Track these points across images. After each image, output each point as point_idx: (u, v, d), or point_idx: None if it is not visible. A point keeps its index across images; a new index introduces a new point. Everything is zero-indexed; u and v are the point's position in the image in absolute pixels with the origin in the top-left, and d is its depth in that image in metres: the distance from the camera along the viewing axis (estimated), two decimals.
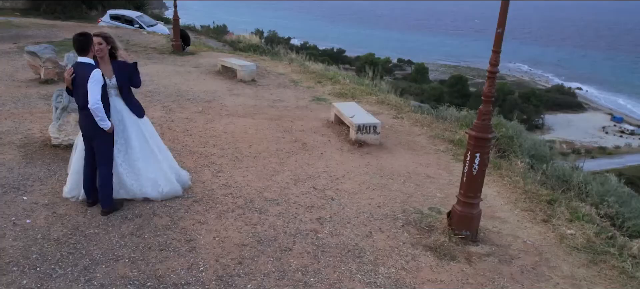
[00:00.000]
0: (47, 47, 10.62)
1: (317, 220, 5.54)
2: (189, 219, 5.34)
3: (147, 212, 5.40)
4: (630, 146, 58.39)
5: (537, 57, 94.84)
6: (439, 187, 6.66)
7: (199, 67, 13.40)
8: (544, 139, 9.89)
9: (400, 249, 5.12)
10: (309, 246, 5.03)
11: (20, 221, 5.07)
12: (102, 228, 5.04)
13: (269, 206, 5.75)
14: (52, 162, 6.51)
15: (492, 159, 7.87)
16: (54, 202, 5.49)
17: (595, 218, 6.10)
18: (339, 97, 10.89)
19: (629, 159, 52.98)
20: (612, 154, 55.56)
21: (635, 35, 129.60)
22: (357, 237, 5.27)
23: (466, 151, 5.25)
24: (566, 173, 7.85)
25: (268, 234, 5.17)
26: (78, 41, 4.91)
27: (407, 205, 6.06)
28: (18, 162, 6.48)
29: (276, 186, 6.31)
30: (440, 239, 5.29)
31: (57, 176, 6.13)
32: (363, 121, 7.96)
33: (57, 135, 6.92)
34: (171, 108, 9.30)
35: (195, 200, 5.77)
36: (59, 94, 7.02)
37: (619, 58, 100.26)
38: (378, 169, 7.10)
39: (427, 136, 8.72)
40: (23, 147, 6.99)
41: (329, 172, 6.85)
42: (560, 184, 7.57)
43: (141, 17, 22.44)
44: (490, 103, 5.11)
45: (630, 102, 76.68)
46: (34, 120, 8.19)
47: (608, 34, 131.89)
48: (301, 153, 7.49)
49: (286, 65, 14.33)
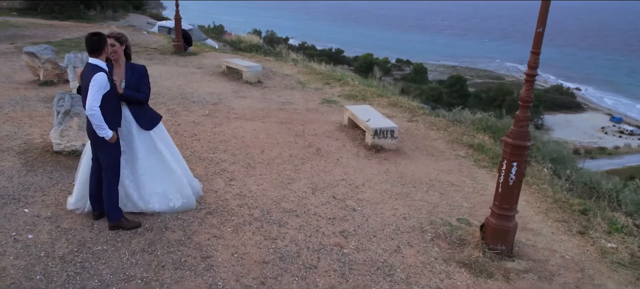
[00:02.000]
0: (47, 47, 10.20)
1: (341, 233, 5.16)
2: (204, 233, 4.95)
3: (158, 225, 5.01)
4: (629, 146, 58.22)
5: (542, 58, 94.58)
6: (464, 196, 6.29)
7: (203, 68, 13.00)
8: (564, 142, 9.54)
9: (433, 265, 4.75)
10: (334, 262, 4.66)
11: (22, 237, 4.68)
12: (110, 244, 4.64)
13: (288, 218, 5.37)
14: (54, 171, 6.11)
15: None
16: (57, 214, 5.10)
17: (632, 229, 5.75)
18: (349, 100, 10.51)
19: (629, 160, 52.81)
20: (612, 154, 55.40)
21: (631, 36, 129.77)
22: (385, 252, 4.90)
23: (501, 159, 4.89)
24: (593, 180, 7.50)
25: (290, 250, 4.79)
26: (90, 41, 4.52)
27: (433, 216, 5.69)
28: (18, 170, 6.08)
29: (293, 195, 5.93)
30: (474, 255, 4.92)
31: (60, 186, 5.73)
32: (380, 125, 7.58)
33: (59, 141, 6.53)
34: (176, 111, 8.90)
35: (209, 212, 5.38)
36: (61, 97, 6.62)
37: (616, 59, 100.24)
38: (398, 176, 6.73)
39: (445, 140, 8.36)
40: (23, 153, 6.58)
41: (347, 180, 6.47)
42: (588, 191, 7.24)
43: (191, 31, 20.95)
44: (528, 108, 4.75)
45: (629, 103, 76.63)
46: (34, 124, 7.78)
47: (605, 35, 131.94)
48: (316, 159, 7.11)
49: (292, 66, 13.94)
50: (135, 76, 4.89)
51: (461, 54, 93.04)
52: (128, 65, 4.92)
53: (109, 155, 4.70)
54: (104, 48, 4.60)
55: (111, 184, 4.78)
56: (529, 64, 4.64)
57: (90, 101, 4.39)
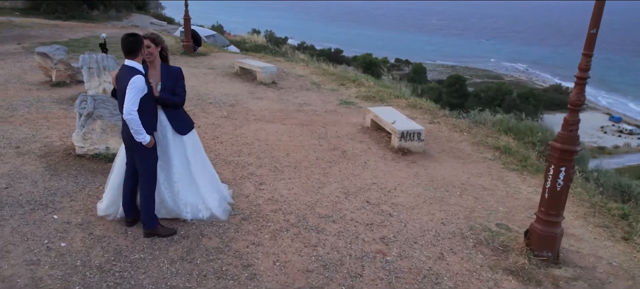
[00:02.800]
0: (59, 48, 10.01)
1: (381, 240, 5.01)
2: (242, 241, 4.79)
3: (193, 233, 4.85)
4: (629, 146, 58.21)
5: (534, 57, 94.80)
6: (498, 201, 6.15)
7: (214, 68, 12.82)
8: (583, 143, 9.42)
9: (479, 273, 4.61)
10: (379, 271, 4.51)
11: (54, 245, 4.50)
12: (147, 252, 4.48)
13: (325, 224, 5.21)
14: (78, 175, 5.93)
15: (541, 166, 7.40)
16: (88, 221, 4.92)
17: None
18: (366, 101, 10.36)
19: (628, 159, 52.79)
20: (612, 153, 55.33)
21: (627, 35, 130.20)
22: (429, 260, 4.75)
23: (548, 164, 4.75)
24: (623, 183, 7.38)
25: (332, 257, 4.64)
26: (126, 42, 4.35)
27: (471, 221, 5.55)
28: (41, 174, 5.90)
29: (326, 200, 5.78)
30: (519, 261, 4.78)
31: (87, 190, 5.56)
32: (406, 127, 7.44)
33: (81, 144, 6.35)
34: (194, 113, 8.72)
35: (244, 218, 5.22)
36: (83, 99, 6.44)
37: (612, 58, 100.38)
38: (429, 179, 6.59)
39: (470, 142, 8.21)
40: (44, 157, 6.40)
41: (378, 184, 6.32)
42: (619, 194, 7.11)
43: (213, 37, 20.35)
44: (577, 112, 4.63)
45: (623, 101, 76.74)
46: (51, 126, 7.59)
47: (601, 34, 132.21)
48: (343, 162, 6.95)
49: (304, 67, 13.78)
50: (171, 79, 4.73)
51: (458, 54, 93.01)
52: (164, 67, 4.76)
53: (146, 160, 4.53)
54: (141, 49, 4.44)
55: (148, 190, 4.61)
56: (580, 67, 4.52)
57: (129, 105, 4.22)
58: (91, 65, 8.84)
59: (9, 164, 6.16)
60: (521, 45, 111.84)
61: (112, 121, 6.40)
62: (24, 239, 4.56)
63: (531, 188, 6.61)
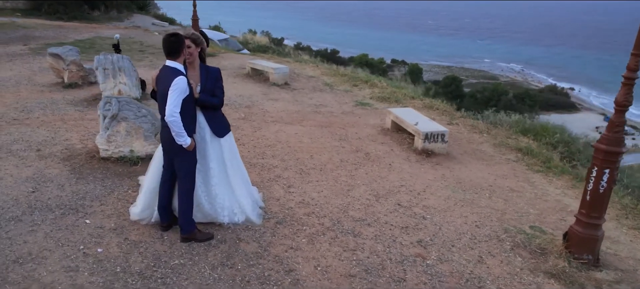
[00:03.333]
0: (72, 49, 9.88)
1: (419, 243, 4.94)
2: (279, 245, 4.70)
3: (230, 237, 4.76)
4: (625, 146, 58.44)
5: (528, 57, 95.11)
6: (528, 202, 6.10)
7: (225, 69, 12.69)
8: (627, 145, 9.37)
9: (520, 276, 4.55)
10: (421, 275, 4.44)
11: (91, 250, 4.41)
12: (187, 258, 4.39)
13: (360, 228, 5.14)
14: (105, 178, 5.83)
15: (566, 167, 7.37)
16: (122, 225, 4.83)
17: None
18: (381, 102, 10.30)
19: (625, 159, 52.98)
20: None
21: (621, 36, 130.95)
22: (469, 263, 4.69)
23: (591, 166, 4.70)
24: None
25: (372, 261, 4.56)
26: (168, 43, 4.26)
27: (505, 223, 5.49)
28: (67, 178, 5.79)
29: (358, 203, 5.70)
30: (559, 265, 4.73)
31: (116, 194, 5.46)
32: (430, 128, 7.38)
33: (106, 147, 6.24)
34: None
35: (278, 222, 5.13)
36: (108, 101, 6.34)
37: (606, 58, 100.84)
38: (456, 181, 6.53)
39: (491, 143, 8.17)
40: (67, 160, 6.29)
41: (406, 186, 6.25)
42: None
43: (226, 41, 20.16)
44: (623, 113, 4.56)
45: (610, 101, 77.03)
46: (69, 128, 7.48)
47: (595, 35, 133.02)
48: (368, 164, 6.88)
49: (314, 67, 13.70)
50: (211, 80, 4.64)
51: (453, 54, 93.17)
52: (203, 68, 4.67)
53: (186, 164, 4.44)
54: (183, 50, 4.35)
55: (187, 194, 4.52)
56: (629, 67, 4.43)
57: (171, 107, 4.13)
58: (106, 66, 8.73)
59: (32, 167, 6.05)
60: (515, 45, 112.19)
61: (136, 123, 6.31)
62: (59, 244, 4.46)
63: (558, 190, 6.56)
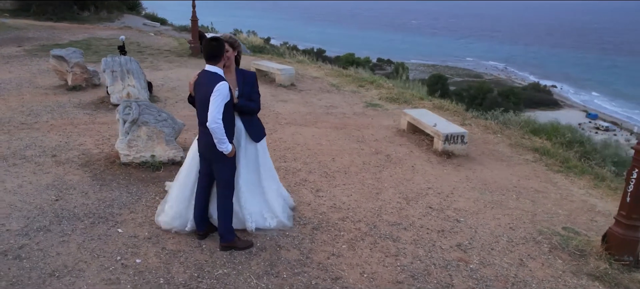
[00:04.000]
0: (75, 51, 9.63)
1: (458, 247, 4.87)
2: (321, 252, 4.60)
3: (270, 244, 4.64)
4: None
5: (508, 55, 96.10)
6: (555, 203, 6.07)
7: None
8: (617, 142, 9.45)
9: (564, 279, 4.51)
10: (468, 279, 4.37)
11: (129, 261, 4.25)
12: (230, 267, 4.26)
13: (397, 232, 5.05)
14: (129, 184, 5.66)
15: (585, 167, 7.37)
16: (156, 234, 4.67)
17: None
18: (391, 103, 10.23)
19: None
20: None
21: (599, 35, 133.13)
22: (511, 266, 4.63)
23: (631, 168, 4.67)
24: None
25: (417, 267, 4.48)
26: (209, 47, 4.14)
27: (538, 225, 5.45)
28: (89, 184, 5.61)
29: (389, 206, 5.62)
30: (600, 266, 4.69)
31: (144, 201, 5.29)
32: (450, 130, 7.33)
33: (126, 152, 6.06)
34: None
35: (315, 227, 5.02)
36: (127, 104, 6.16)
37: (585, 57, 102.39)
38: (481, 183, 6.48)
39: (506, 144, 8.15)
40: (86, 166, 6.10)
41: (434, 189, 6.19)
42: None
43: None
44: None
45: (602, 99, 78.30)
46: (81, 133, 7.27)
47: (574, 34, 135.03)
48: (391, 167, 6.80)
49: (317, 68, 13.59)
50: (248, 84, 4.51)
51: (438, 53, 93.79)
52: (239, 72, 4.54)
53: (227, 170, 4.31)
54: (224, 54, 4.22)
55: (227, 202, 4.38)
56: None
57: (215, 113, 3.99)
58: (114, 68, 8.53)
59: (51, 173, 5.85)
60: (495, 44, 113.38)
61: (157, 127, 6.14)
62: (94, 255, 4.30)
63: (582, 190, 6.56)
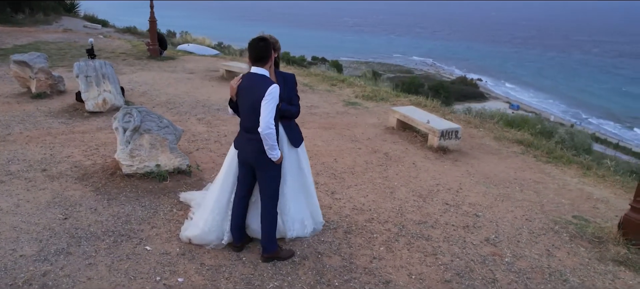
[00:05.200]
0: (40, 55, 8.88)
1: (487, 242, 4.89)
2: (361, 256, 4.46)
3: (309, 252, 4.45)
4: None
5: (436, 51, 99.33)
6: (556, 193, 6.25)
7: (194, 72, 12.04)
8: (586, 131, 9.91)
9: (593, 266, 4.62)
10: (508, 273, 4.38)
11: (170, 281, 3.93)
12: (279, 279, 4.03)
13: (426, 231, 5.00)
14: (139, 197, 5.25)
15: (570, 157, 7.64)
16: (189, 250, 4.36)
17: None
18: (369, 101, 10.20)
19: None
20: None
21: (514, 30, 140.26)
22: (541, 257, 4.70)
23: None
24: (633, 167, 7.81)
25: (458, 264, 4.44)
26: (257, 48, 3.87)
27: (549, 215, 5.58)
28: (95, 199, 5.16)
29: (408, 205, 5.56)
30: (621, 252, 4.86)
31: (162, 215, 4.93)
32: (444, 126, 7.38)
33: (129, 162, 5.63)
34: (209, 121, 8.11)
35: (346, 231, 4.87)
36: (127, 112, 5.73)
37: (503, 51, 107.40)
38: (483, 177, 6.57)
39: (491, 137, 8.33)
40: (84, 179, 5.62)
41: (442, 185, 6.20)
42: None
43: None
44: None
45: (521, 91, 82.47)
46: (64, 144, 6.70)
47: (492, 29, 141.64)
48: (393, 165, 6.75)
49: (283, 68, 13.31)
50: (288, 87, 4.28)
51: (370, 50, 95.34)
52: (279, 75, 4.29)
53: (274, 178, 4.07)
54: (271, 56, 3.97)
55: (273, 211, 4.14)
56: None
57: (268, 118, 3.74)
58: (89, 73, 7.96)
59: (47, 190, 5.34)
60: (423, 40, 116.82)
61: (161, 135, 5.75)
62: (130, 277, 3.94)
63: (575, 179, 6.79)
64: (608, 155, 8.98)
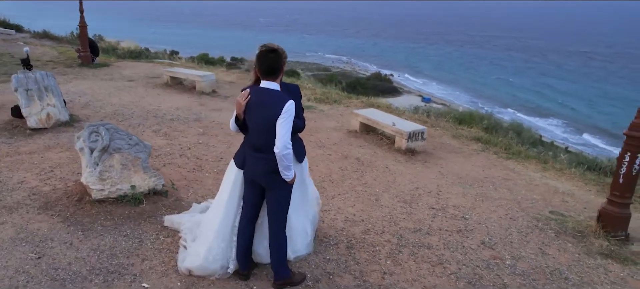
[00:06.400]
0: None
1: (484, 245, 4.85)
2: (371, 272, 4.23)
3: (317, 273, 4.15)
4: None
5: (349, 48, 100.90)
6: (527, 189, 6.38)
7: (134, 80, 11.17)
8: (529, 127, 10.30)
9: (584, 262, 4.72)
10: (514, 277, 4.35)
11: None
12: None
13: (423, 238, 4.87)
14: (117, 226, 4.67)
15: (526, 152, 7.87)
16: (192, 283, 3.90)
17: None
18: (322, 103, 9.98)
19: None
20: None
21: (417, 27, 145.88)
22: (537, 256, 4.73)
23: (622, 152, 5.04)
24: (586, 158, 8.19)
25: (466, 273, 4.34)
26: (268, 59, 3.47)
27: (529, 212, 5.67)
28: (67, 232, 4.52)
29: (396, 212, 5.40)
30: (603, 244, 5.02)
31: (150, 244, 4.41)
32: (411, 128, 7.32)
33: (100, 186, 5.01)
34: (167, 133, 7.50)
35: (348, 246, 4.62)
36: (94, 130, 5.10)
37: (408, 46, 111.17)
38: (456, 177, 6.57)
39: (449, 136, 8.40)
40: (48, 209, 4.92)
41: (421, 188, 6.11)
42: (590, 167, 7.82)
43: None
44: None
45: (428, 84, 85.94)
46: (12, 167, 5.88)
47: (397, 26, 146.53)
48: (368, 170, 6.58)
49: (226, 72, 12.76)
50: (294, 99, 3.93)
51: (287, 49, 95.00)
52: (284, 87, 3.93)
53: (286, 199, 3.73)
54: (283, 68, 3.60)
55: (283, 234, 3.80)
56: None
57: (287, 138, 3.40)
58: (29, 86, 7.10)
59: (8, 224, 4.62)
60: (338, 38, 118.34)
61: (132, 154, 5.18)
62: None
63: (537, 173, 6.98)
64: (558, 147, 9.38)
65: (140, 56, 17.77)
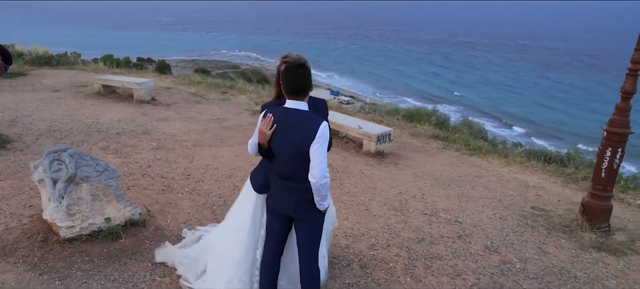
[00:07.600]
0: None
1: (489, 250, 4.73)
2: None
3: None
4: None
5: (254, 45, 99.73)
6: (501, 185, 6.41)
7: (60, 89, 9.89)
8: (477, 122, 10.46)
9: (583, 257, 4.76)
10: (529, 281, 4.27)
11: None
12: None
13: (430, 249, 4.65)
14: (101, 268, 3.95)
15: (486, 147, 7.96)
16: None
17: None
18: None
19: None
20: None
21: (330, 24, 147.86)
22: (540, 256, 4.70)
23: (604, 147, 5.14)
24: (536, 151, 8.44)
25: (485, 282, 4.18)
26: (297, 76, 2.93)
27: (513, 210, 5.67)
28: (41, 282, 3.73)
29: (393, 222, 5.14)
30: (592, 237, 5.12)
31: (144, 287, 3.76)
32: (379, 130, 7.09)
33: (69, 222, 4.22)
34: (118, 150, 6.64)
35: (360, 265, 4.27)
36: (56, 158, 4.30)
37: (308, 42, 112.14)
38: (433, 179, 6.44)
39: (408, 134, 8.30)
40: (10, 255, 4.04)
41: (403, 193, 5.91)
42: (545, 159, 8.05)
43: None
44: (629, 99, 5.06)
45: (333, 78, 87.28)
46: None
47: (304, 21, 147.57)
48: (345, 177, 6.26)
49: (160, 78, 11.76)
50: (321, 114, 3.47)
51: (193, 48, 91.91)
52: (310, 103, 3.45)
53: (320, 229, 3.28)
54: (311, 85, 3.11)
55: (316, 267, 3.32)
56: (633, 60, 4.91)
57: (324, 165, 2.91)
58: None
59: None
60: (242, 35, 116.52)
61: (102, 182, 4.44)
62: None
63: (504, 168, 7.05)
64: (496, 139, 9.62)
65: (49, 62, 16.02)
